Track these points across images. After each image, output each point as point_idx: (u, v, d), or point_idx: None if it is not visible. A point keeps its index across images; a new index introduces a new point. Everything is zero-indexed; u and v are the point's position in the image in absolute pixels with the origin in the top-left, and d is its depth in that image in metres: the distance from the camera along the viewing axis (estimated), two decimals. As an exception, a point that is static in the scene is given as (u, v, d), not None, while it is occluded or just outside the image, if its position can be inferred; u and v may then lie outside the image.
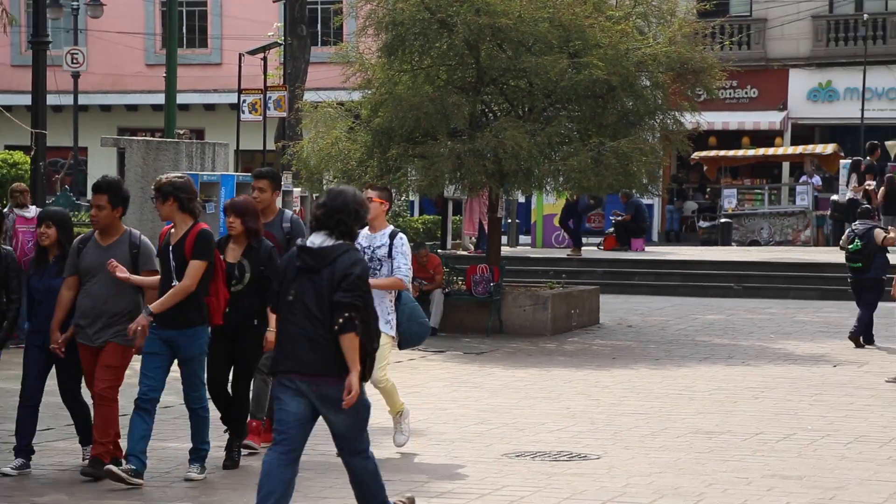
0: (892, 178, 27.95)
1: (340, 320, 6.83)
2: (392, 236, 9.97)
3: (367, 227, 9.79)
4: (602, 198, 27.97)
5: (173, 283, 8.79)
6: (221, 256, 9.23)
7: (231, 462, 9.41)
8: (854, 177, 29.32)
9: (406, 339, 10.13)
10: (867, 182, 28.83)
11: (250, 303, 9.31)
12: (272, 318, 8.95)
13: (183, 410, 9.30)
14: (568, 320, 18.74)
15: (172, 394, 12.57)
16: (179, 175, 9.11)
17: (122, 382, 9.05)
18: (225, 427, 9.56)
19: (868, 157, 29.89)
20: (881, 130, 35.16)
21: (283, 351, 6.96)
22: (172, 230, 8.96)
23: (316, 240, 6.99)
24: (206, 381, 9.25)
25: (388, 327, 9.88)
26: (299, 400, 6.91)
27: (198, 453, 9.09)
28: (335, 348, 6.85)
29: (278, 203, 10.42)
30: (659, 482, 9.07)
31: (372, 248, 9.91)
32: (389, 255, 9.91)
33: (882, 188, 27.53)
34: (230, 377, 9.55)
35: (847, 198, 16.29)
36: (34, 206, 16.33)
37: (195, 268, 8.77)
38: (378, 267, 9.87)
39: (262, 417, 9.94)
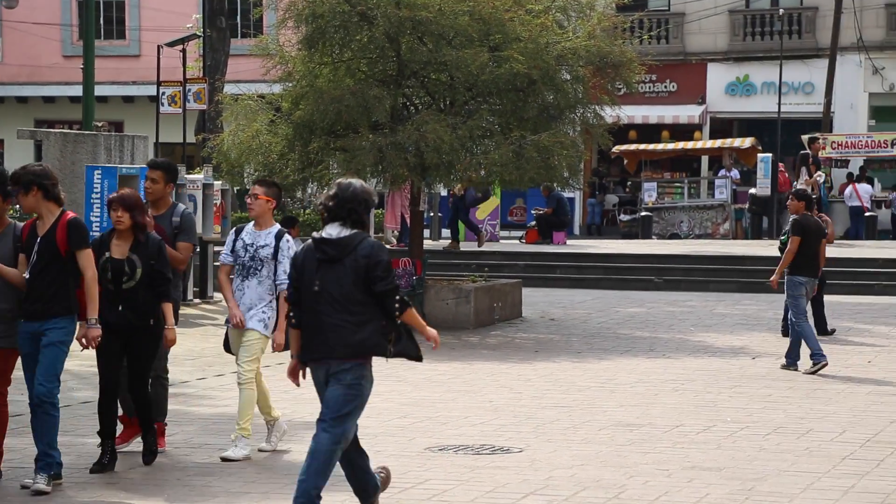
0: (806, 155, 29.41)
1: (396, 305, 7.44)
2: (278, 237, 9.63)
3: (251, 224, 9.63)
4: (490, 191, 27.59)
5: (25, 276, 8.45)
6: (107, 253, 8.94)
7: (149, 453, 9.23)
8: (804, 170, 29.68)
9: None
10: (817, 174, 29.33)
11: (144, 299, 8.98)
12: (169, 314, 9.06)
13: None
14: (491, 314, 18.78)
15: (91, 388, 12.45)
16: (37, 164, 8.86)
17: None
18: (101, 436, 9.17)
19: (809, 151, 30.30)
20: (797, 124, 35.64)
21: (312, 339, 7.44)
22: (38, 221, 8.57)
23: (333, 231, 7.44)
24: (99, 384, 9.00)
25: (261, 325, 9.60)
26: (324, 385, 7.48)
27: (44, 460, 8.46)
28: (355, 332, 7.36)
29: (173, 196, 10.12)
30: (581, 475, 9.12)
31: (255, 247, 9.59)
32: (274, 256, 9.58)
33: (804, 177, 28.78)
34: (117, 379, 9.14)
35: (797, 188, 16.42)
36: None
37: (87, 257, 8.52)
38: (259, 267, 9.57)
39: (163, 419, 9.73)
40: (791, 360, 14.34)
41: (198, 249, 20.77)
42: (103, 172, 18.20)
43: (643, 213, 33.49)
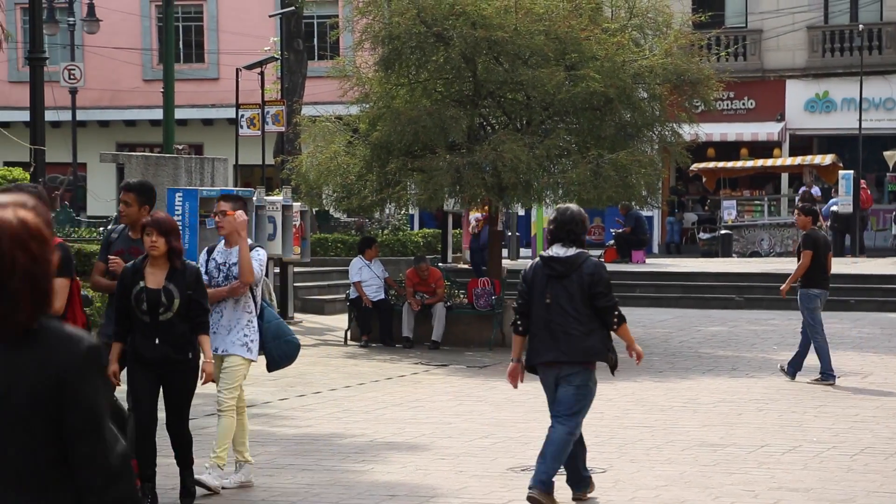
0: (806, 192, 30.37)
1: (615, 320, 8.42)
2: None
3: (222, 243, 9.23)
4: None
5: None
6: (141, 283, 8.37)
7: (187, 494, 8.70)
8: None
9: (275, 360, 9.35)
10: None
11: (181, 332, 8.39)
12: (207, 347, 8.49)
13: (198, 424, 9.22)
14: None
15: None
16: (31, 184, 8.55)
17: None
18: None
19: None
20: (879, 140, 35.18)
21: (543, 345, 8.38)
22: None
23: (559, 251, 8.44)
24: (135, 423, 8.55)
25: (244, 350, 9.10)
26: (553, 386, 8.50)
27: None
28: (583, 340, 8.34)
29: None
30: (665, 495, 9.03)
31: (228, 265, 9.15)
32: None
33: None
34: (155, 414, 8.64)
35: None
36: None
37: (60, 287, 7.87)
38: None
39: None
40: (826, 374, 14.50)
41: (277, 270, 20.91)
42: (184, 195, 18.37)
43: (723, 232, 33.21)
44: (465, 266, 25.56)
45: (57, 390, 3.09)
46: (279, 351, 9.28)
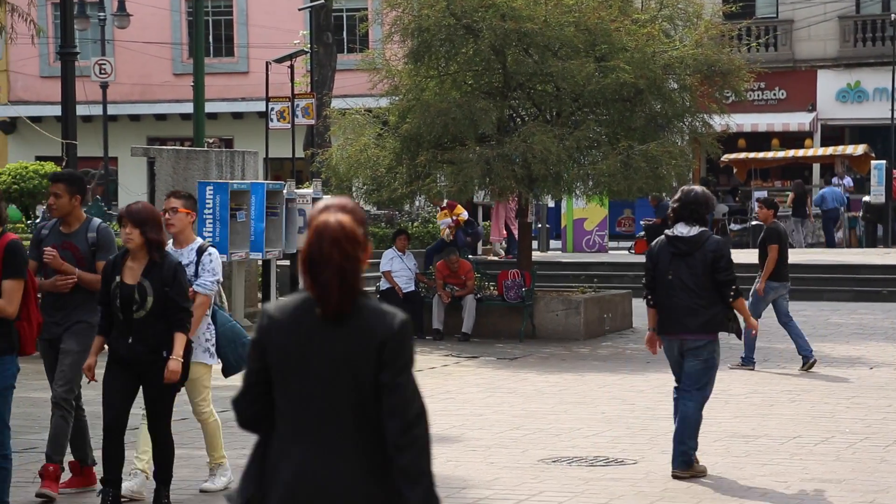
0: (800, 183, 31.09)
1: (731, 293, 9.05)
2: (200, 252, 8.63)
3: (170, 242, 8.62)
4: (480, 232, 25.08)
5: None
6: (118, 278, 7.89)
7: None
8: None
9: (232, 365, 8.84)
10: None
11: (156, 331, 7.89)
12: (178, 344, 7.92)
13: (228, 417, 9.24)
14: (601, 325, 18.67)
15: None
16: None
17: None
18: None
19: None
20: (911, 130, 34.92)
21: (668, 318, 9.12)
22: None
23: (683, 230, 9.06)
24: (103, 423, 8.08)
25: (206, 356, 8.68)
26: (677, 357, 9.22)
27: None
28: (706, 313, 9.00)
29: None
30: (697, 487, 9.01)
31: None
32: (196, 273, 8.57)
33: (791, 193, 30.61)
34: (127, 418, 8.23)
35: None
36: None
37: (13, 289, 7.50)
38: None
39: (61, 461, 8.61)
40: (747, 359, 15.00)
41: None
42: (215, 188, 18.42)
43: (754, 223, 33.07)
44: (495, 258, 25.55)
45: (377, 354, 3.90)
46: (235, 355, 8.74)
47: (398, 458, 3.91)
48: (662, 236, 9.21)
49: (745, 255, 28.00)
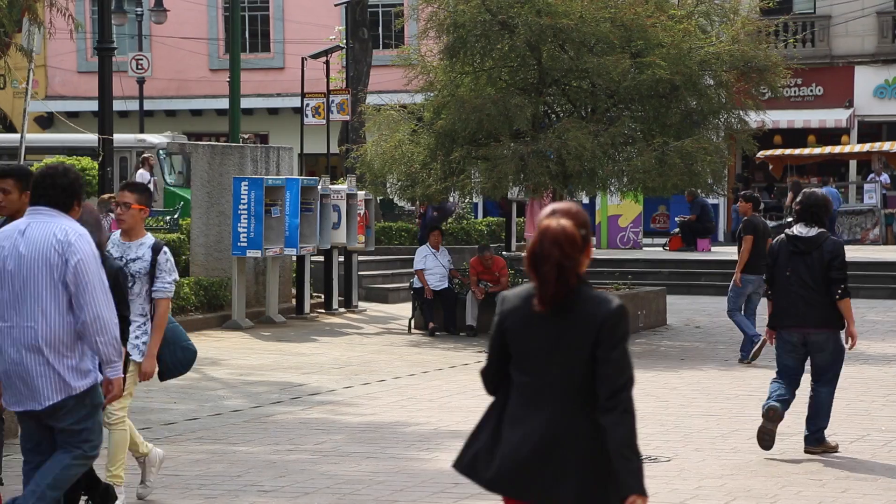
0: (798, 182, 31.34)
1: (839, 291, 9.66)
2: (156, 250, 8.15)
3: (117, 234, 8.25)
4: (451, 208, 24.64)
5: None
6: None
7: None
8: None
9: (169, 368, 8.34)
10: None
11: None
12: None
13: (254, 414, 9.33)
14: (635, 321, 18.63)
15: (241, 397, 12.67)
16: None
17: None
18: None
19: None
20: (950, 127, 34.68)
21: (784, 311, 9.78)
22: None
23: (802, 230, 9.72)
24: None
25: (137, 353, 8.12)
26: (792, 356, 9.89)
27: None
28: (825, 308, 9.67)
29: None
30: (731, 484, 8.98)
31: (125, 261, 8.08)
32: (150, 272, 8.11)
33: (790, 193, 30.26)
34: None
35: None
36: None
37: None
38: (130, 284, 7.99)
39: None
40: (746, 354, 15.31)
41: (342, 259, 21.00)
42: (250, 183, 18.49)
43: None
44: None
45: (596, 334, 4.62)
46: (174, 358, 8.31)
47: (609, 419, 4.58)
48: (783, 235, 9.86)
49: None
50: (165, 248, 8.21)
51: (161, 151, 29.03)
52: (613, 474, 4.57)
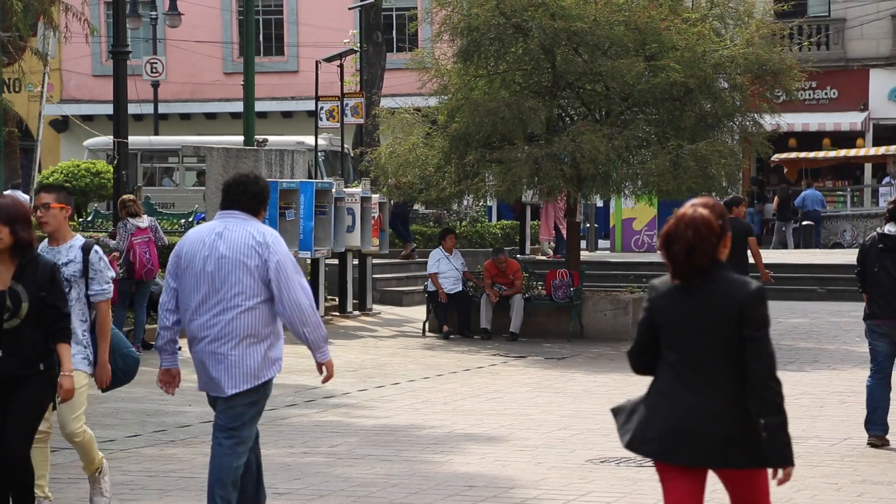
0: (785, 187, 32.63)
1: None
2: (86, 250, 7.77)
3: (45, 242, 7.82)
4: (405, 210, 24.14)
5: None
6: None
7: None
8: None
9: (112, 376, 7.91)
10: None
11: (33, 341, 6.95)
12: (65, 358, 7.06)
13: (268, 417, 9.32)
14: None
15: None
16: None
17: None
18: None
19: None
20: (965, 130, 34.56)
21: (875, 303, 10.37)
22: None
23: (892, 229, 10.32)
24: None
25: (85, 363, 7.74)
26: (886, 340, 10.40)
27: None
28: None
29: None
30: (746, 488, 8.96)
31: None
32: (84, 273, 7.73)
33: (776, 197, 32.00)
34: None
35: None
36: (146, 216, 16.32)
37: None
38: (67, 289, 7.50)
39: None
40: None
41: (356, 262, 21.01)
42: (264, 187, 18.48)
43: (804, 223, 32.85)
44: (544, 257, 25.52)
45: (739, 314, 5.13)
46: (116, 367, 7.88)
47: (760, 392, 5.15)
48: (874, 233, 10.57)
49: (796, 256, 27.92)
50: (97, 247, 7.83)
51: (321, 153, 28.82)
52: (760, 443, 5.16)
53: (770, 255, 28.36)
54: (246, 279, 6.96)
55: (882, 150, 35.23)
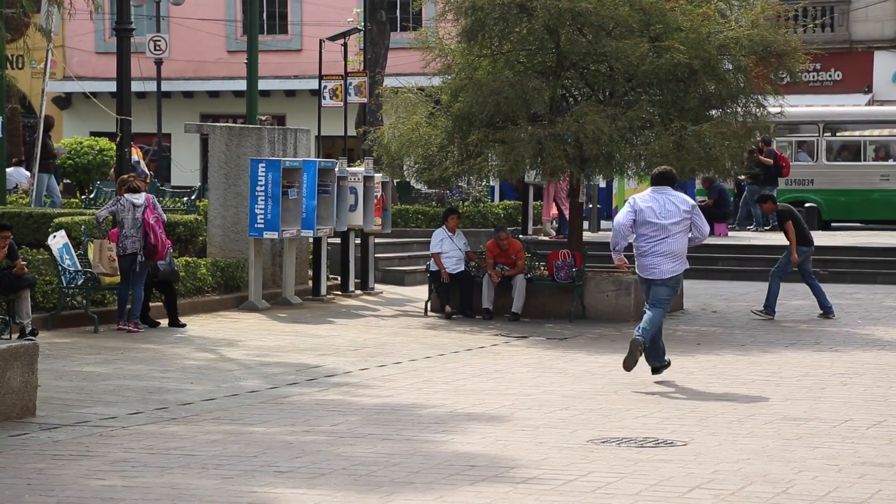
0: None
1: None
2: None
3: None
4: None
5: None
6: None
7: None
8: None
9: None
10: None
11: None
12: None
13: (270, 395, 9.34)
14: (650, 306, 18.58)
15: (257, 378, 12.70)
16: None
17: None
18: None
19: None
20: (969, 113, 34.44)
21: None
22: None
23: None
24: None
25: None
26: None
27: None
28: None
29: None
30: (747, 469, 8.97)
31: None
32: None
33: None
34: None
35: None
36: (144, 193, 16.32)
37: None
38: None
39: None
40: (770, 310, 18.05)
41: (358, 241, 21.00)
42: (267, 165, 18.50)
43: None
44: (546, 238, 25.50)
45: None
46: None
47: None
48: None
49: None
50: None
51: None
52: None
53: (771, 238, 28.35)
54: (679, 221, 12.78)
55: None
